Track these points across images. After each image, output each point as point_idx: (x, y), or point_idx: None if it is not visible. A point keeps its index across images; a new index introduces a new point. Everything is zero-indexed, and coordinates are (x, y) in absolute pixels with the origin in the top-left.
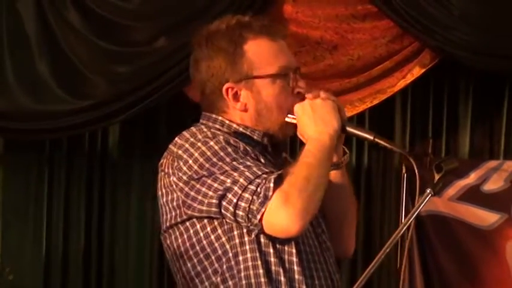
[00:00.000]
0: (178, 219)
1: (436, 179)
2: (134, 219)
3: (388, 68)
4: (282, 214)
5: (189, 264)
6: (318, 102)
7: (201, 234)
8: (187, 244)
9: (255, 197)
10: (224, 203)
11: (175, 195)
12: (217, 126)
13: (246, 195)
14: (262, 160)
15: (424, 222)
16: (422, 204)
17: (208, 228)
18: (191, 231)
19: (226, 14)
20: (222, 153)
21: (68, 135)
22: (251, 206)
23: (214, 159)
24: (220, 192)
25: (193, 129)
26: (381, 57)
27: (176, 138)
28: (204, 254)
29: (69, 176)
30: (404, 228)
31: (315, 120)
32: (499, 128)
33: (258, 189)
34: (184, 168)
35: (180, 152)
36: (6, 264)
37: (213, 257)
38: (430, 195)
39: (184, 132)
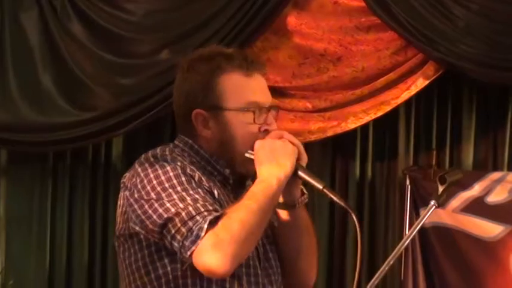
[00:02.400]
0: (127, 232)
1: (440, 190)
2: None
3: (392, 80)
4: (209, 256)
5: (131, 277)
6: (278, 143)
7: (145, 252)
8: (132, 258)
9: (189, 234)
10: (164, 231)
11: (126, 209)
12: (187, 149)
13: (183, 229)
14: (216, 192)
15: (428, 234)
16: (427, 215)
17: (153, 248)
18: (137, 246)
19: (228, 27)
20: (175, 181)
21: (71, 147)
22: (184, 242)
23: (166, 185)
24: (161, 221)
25: (158, 149)
26: (385, 68)
27: (142, 156)
28: (145, 271)
29: (72, 187)
30: (409, 240)
31: (270, 160)
32: (502, 140)
33: (193, 227)
34: (139, 186)
35: (139, 169)
36: (10, 276)
37: (153, 275)
38: (434, 206)
39: (150, 151)
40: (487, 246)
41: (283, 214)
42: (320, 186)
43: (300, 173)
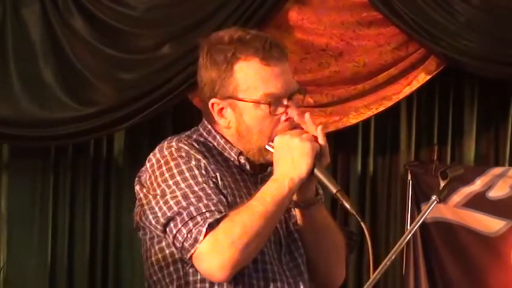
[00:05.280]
0: (141, 224)
1: (441, 185)
2: None
3: (394, 75)
4: (207, 261)
5: (149, 271)
6: (295, 141)
7: (157, 247)
8: (148, 253)
9: (188, 236)
10: (167, 230)
11: (137, 202)
12: (205, 134)
13: (184, 230)
14: (224, 182)
15: (430, 229)
16: (428, 211)
17: (163, 243)
18: (149, 242)
19: (229, 22)
20: (178, 178)
21: (73, 142)
22: (184, 243)
23: (170, 182)
24: (163, 220)
25: (173, 139)
26: (386, 64)
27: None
28: (159, 266)
29: (74, 182)
30: (410, 235)
31: (285, 159)
32: (504, 135)
33: (193, 229)
34: (149, 181)
35: (153, 161)
36: (12, 270)
37: (165, 271)
38: (435, 201)
39: (165, 141)
40: (488, 242)
41: (298, 214)
42: (334, 190)
43: (316, 172)
